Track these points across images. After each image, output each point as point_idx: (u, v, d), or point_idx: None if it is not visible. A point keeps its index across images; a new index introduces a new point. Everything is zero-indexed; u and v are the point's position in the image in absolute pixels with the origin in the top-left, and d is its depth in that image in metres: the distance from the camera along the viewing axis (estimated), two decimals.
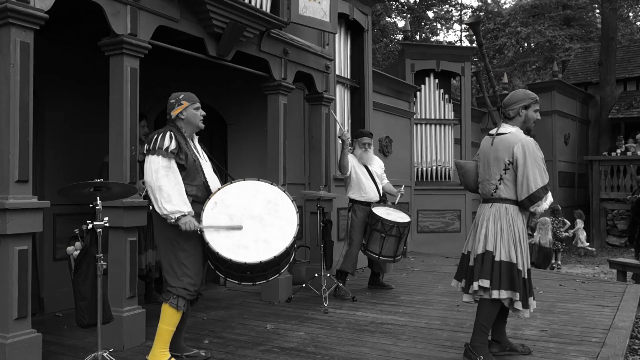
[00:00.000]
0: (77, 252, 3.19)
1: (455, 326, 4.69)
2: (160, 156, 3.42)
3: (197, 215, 3.49)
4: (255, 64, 5.54)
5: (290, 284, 5.89)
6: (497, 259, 3.57)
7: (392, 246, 5.84)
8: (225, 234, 3.49)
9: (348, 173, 6.08)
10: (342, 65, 8.12)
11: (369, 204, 6.03)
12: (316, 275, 5.75)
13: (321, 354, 3.91)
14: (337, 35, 7.62)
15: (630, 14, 26.08)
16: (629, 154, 14.69)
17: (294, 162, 6.82)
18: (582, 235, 12.99)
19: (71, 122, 5.40)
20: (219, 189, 3.64)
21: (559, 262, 11.35)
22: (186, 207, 3.43)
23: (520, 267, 3.58)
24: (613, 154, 14.90)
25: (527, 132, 3.77)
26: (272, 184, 3.81)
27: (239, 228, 3.52)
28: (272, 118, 5.79)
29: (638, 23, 27.36)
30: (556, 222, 11.58)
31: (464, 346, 3.78)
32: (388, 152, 9.79)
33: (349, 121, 8.32)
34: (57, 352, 3.96)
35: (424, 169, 11.06)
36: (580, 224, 12.99)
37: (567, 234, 12.16)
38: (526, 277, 3.62)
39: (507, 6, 28.41)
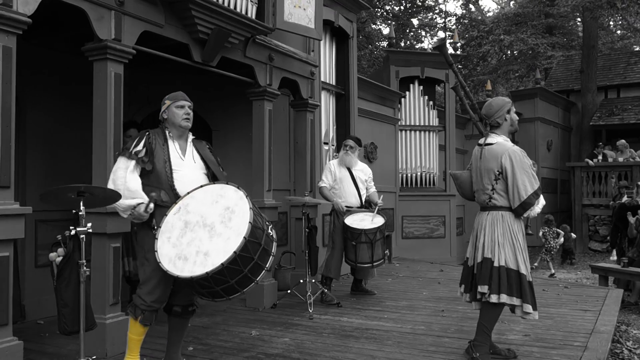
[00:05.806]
0: (59, 259, 3.15)
1: (440, 331, 4.71)
2: (124, 157, 3.37)
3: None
4: (241, 69, 5.54)
5: (276, 290, 5.87)
6: (496, 264, 3.71)
7: (365, 252, 5.78)
8: (174, 242, 3.25)
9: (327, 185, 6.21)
10: (327, 71, 8.15)
11: (348, 209, 6.04)
12: (301, 281, 5.74)
13: None
14: (322, 42, 7.65)
15: (611, 23, 26.48)
16: (610, 160, 14.87)
17: (279, 168, 6.82)
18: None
19: (54, 126, 5.34)
20: (188, 193, 3.42)
21: (552, 270, 11.39)
22: (134, 200, 3.29)
23: (523, 272, 3.71)
24: (594, 160, 15.04)
25: (514, 133, 3.95)
26: (238, 188, 3.43)
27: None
28: (257, 124, 5.79)
29: (618, 32, 27.79)
30: (550, 232, 11.64)
31: (467, 343, 3.94)
32: (373, 158, 9.83)
33: (334, 127, 8.33)
34: None
35: (409, 175, 11.12)
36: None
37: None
38: (531, 279, 3.76)
39: (490, 14, 28.71)
